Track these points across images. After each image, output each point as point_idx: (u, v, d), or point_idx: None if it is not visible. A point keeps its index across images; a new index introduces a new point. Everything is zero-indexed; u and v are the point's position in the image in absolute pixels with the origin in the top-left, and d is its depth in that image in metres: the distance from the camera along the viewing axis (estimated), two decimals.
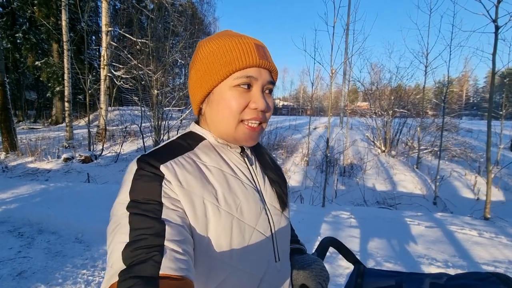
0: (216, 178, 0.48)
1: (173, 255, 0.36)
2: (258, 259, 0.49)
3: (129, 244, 0.36)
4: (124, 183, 0.43)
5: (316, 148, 7.28)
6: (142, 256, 0.35)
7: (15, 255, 2.36)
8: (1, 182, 4.52)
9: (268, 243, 0.51)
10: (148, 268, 0.34)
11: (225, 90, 0.49)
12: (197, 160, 0.49)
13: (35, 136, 8.48)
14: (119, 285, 0.33)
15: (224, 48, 0.49)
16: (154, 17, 10.03)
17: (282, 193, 0.57)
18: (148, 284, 0.32)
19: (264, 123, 0.53)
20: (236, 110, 0.48)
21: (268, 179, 0.57)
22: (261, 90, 0.50)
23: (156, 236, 0.37)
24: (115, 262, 0.35)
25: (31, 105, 19.06)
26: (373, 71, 8.51)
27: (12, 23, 13.61)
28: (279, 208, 0.56)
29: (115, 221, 0.39)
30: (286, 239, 0.57)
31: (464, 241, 2.57)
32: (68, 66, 7.94)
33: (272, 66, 0.51)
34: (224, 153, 0.53)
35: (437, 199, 4.55)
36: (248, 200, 0.49)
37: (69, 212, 3.23)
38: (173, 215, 0.40)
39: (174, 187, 0.43)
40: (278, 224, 0.54)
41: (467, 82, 34.10)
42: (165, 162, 0.45)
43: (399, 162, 6.53)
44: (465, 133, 9.45)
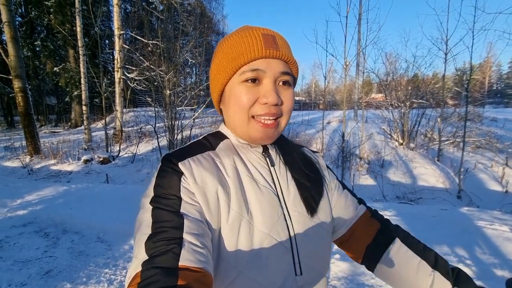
0: (231, 178, 0.47)
1: (191, 247, 0.37)
2: (270, 269, 0.44)
3: (151, 236, 0.38)
4: (151, 179, 0.46)
5: (331, 143, 7.14)
6: (163, 248, 0.36)
7: (42, 254, 2.45)
8: (27, 184, 4.73)
9: (286, 252, 0.46)
10: (168, 260, 0.35)
11: (234, 86, 0.48)
12: (215, 159, 0.49)
13: (57, 140, 8.83)
14: (142, 274, 0.35)
15: (232, 44, 0.48)
16: (164, 18, 10.14)
17: (310, 198, 0.51)
18: (168, 274, 0.34)
19: (281, 118, 0.49)
20: (245, 105, 0.47)
21: (294, 181, 0.52)
22: (272, 82, 0.47)
23: (175, 229, 0.38)
24: (139, 253, 0.37)
25: (52, 109, 19.89)
26: (388, 61, 8.21)
27: (31, 32, 14.21)
28: (306, 213, 0.50)
29: (141, 215, 0.42)
30: (317, 251, 0.50)
31: (495, 237, 2.42)
32: (84, 70, 8.18)
33: (283, 55, 0.47)
34: (243, 153, 0.52)
35: (461, 193, 4.34)
36: (261, 203, 0.47)
37: (91, 212, 3.32)
38: (191, 209, 0.42)
39: (190, 182, 0.44)
40: (302, 232, 0.48)
41: (490, 68, 32.35)
42: (183, 159, 0.46)
43: (419, 155, 6.29)
44: (490, 122, 8.97)
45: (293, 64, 0.50)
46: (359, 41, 8.12)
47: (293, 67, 0.50)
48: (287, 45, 0.50)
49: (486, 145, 6.28)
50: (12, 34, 6.49)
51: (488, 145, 6.28)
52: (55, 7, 12.33)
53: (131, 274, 0.36)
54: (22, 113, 6.79)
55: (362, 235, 0.56)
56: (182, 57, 7.92)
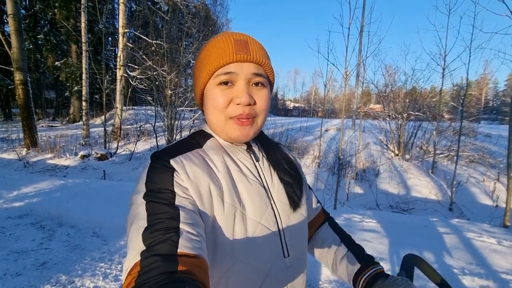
0: (221, 173, 0.50)
1: (189, 236, 0.39)
2: (263, 253, 0.49)
3: (147, 228, 0.39)
4: (141, 176, 0.47)
5: (328, 150, 7.23)
6: (161, 237, 0.37)
7: (38, 246, 2.47)
8: (24, 177, 4.72)
9: (275, 238, 0.51)
10: (167, 247, 0.37)
11: (210, 89, 0.51)
12: (204, 156, 0.52)
13: (54, 134, 8.80)
14: (141, 263, 0.35)
15: (208, 50, 0.52)
16: (168, 18, 10.24)
17: (294, 194, 0.56)
18: (168, 261, 0.35)
19: (257, 118, 0.53)
20: (220, 107, 0.50)
21: (277, 177, 0.57)
22: (245, 84, 0.50)
23: (172, 219, 0.40)
24: (136, 244, 0.38)
25: (50, 103, 19.79)
26: (387, 73, 8.37)
27: (34, 25, 14.20)
28: (288, 204, 0.55)
29: (134, 210, 0.43)
30: (299, 236, 0.57)
31: (482, 249, 2.49)
32: (86, 66, 8.20)
33: (254, 57, 0.50)
34: (230, 150, 0.55)
35: (453, 205, 4.43)
36: (251, 194, 0.51)
37: (87, 207, 3.34)
38: (186, 202, 0.44)
39: (183, 178, 0.46)
40: (287, 219, 0.54)
41: (486, 85, 32.89)
42: (174, 157, 0.48)
43: (414, 166, 6.39)
44: (484, 138, 9.14)
45: (266, 66, 0.52)
46: (360, 52, 8.28)
47: (266, 69, 0.53)
48: (261, 48, 0.53)
49: (479, 160, 6.40)
50: (16, 26, 6.52)
51: (481, 160, 6.41)
52: (60, 2, 12.37)
53: (129, 265, 0.36)
54: (21, 105, 6.78)
55: (313, 225, 0.70)
56: (185, 58, 7.99)
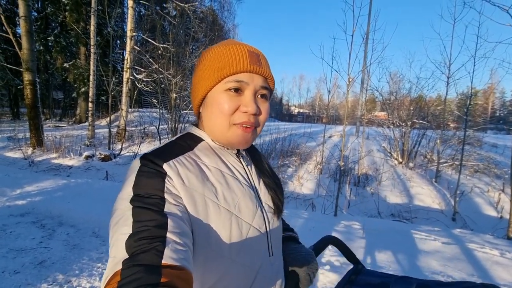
0: (215, 177, 0.51)
1: (175, 246, 0.37)
2: (254, 253, 0.52)
3: (132, 235, 0.37)
4: (127, 179, 0.45)
5: (331, 157, 7.19)
6: (145, 246, 0.36)
7: (37, 245, 2.49)
8: (28, 175, 4.78)
9: (263, 238, 0.54)
10: (151, 257, 0.35)
11: (217, 93, 0.52)
12: (197, 160, 0.52)
13: (60, 134, 8.93)
14: (122, 272, 0.33)
15: (218, 55, 0.52)
16: (176, 23, 10.39)
17: (278, 199, 0.59)
18: (151, 272, 0.33)
19: (258, 128, 0.55)
20: (227, 112, 0.50)
21: (263, 182, 0.60)
22: (253, 94, 0.52)
23: (158, 228, 0.38)
24: (119, 252, 0.36)
25: (58, 104, 20.12)
26: (392, 80, 8.35)
27: (45, 27, 14.54)
28: (273, 208, 0.58)
29: (118, 215, 0.41)
30: (279, 236, 0.61)
31: (484, 260, 2.44)
32: (93, 68, 8.34)
33: (265, 72, 0.53)
34: (221, 154, 0.56)
35: (456, 215, 4.36)
36: (245, 198, 0.52)
37: (88, 207, 3.37)
38: (175, 210, 0.42)
39: (176, 184, 0.45)
40: (272, 221, 0.57)
41: (493, 94, 32.58)
42: (167, 160, 0.47)
43: (417, 174, 6.32)
44: (490, 148, 9.01)
45: (271, 81, 0.56)
46: (364, 59, 8.29)
47: (271, 84, 0.56)
48: (268, 63, 0.56)
49: (484, 170, 6.30)
50: (28, 28, 6.68)
51: (486, 170, 6.31)
52: (71, 5, 12.67)
53: (108, 274, 0.34)
54: (29, 105, 6.91)
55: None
56: (191, 62, 8.08)
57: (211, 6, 19.10)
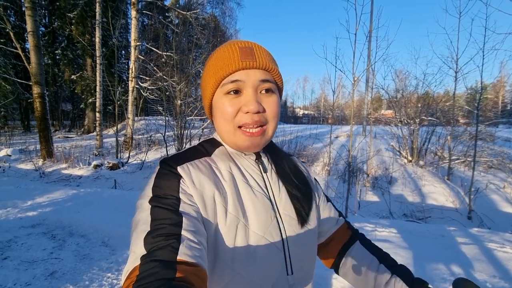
0: (227, 182, 0.49)
1: (189, 243, 0.39)
2: (265, 269, 0.47)
3: (150, 232, 0.39)
4: (148, 181, 0.47)
5: (338, 158, 7.10)
6: (162, 243, 0.38)
7: (48, 256, 2.50)
8: (39, 187, 4.85)
9: (278, 253, 0.49)
10: (167, 253, 0.37)
11: (218, 99, 0.50)
12: (212, 164, 0.51)
13: (69, 145, 9.09)
14: (141, 267, 0.35)
15: (214, 59, 0.51)
16: (179, 31, 10.53)
17: (302, 208, 0.54)
18: (166, 267, 0.35)
19: (267, 125, 0.51)
20: (228, 116, 0.49)
21: (285, 189, 0.55)
22: (253, 91, 0.49)
23: (174, 226, 0.40)
24: (137, 248, 0.38)
25: (67, 115, 20.55)
26: (398, 78, 8.23)
27: (52, 41, 14.95)
28: (296, 219, 0.53)
29: (139, 214, 0.43)
30: (306, 253, 0.54)
31: (506, 260, 2.34)
32: (100, 79, 8.49)
33: (261, 64, 0.49)
34: (238, 160, 0.54)
35: (472, 213, 4.21)
36: (255, 206, 0.49)
37: (97, 216, 3.38)
38: (190, 209, 0.43)
39: (189, 185, 0.46)
40: (293, 235, 0.51)
41: (503, 87, 31.81)
42: (182, 164, 0.48)
43: (428, 172, 6.17)
44: (503, 142, 8.75)
45: (274, 72, 0.51)
46: (369, 57, 8.21)
47: (275, 75, 0.52)
48: (267, 54, 0.52)
49: (499, 166, 6.11)
50: (35, 42, 6.85)
51: (500, 165, 6.12)
52: (77, 19, 13.00)
53: (128, 268, 0.37)
54: (38, 117, 7.06)
55: (337, 242, 0.63)
56: (195, 69, 8.14)
57: (212, 13, 19.33)
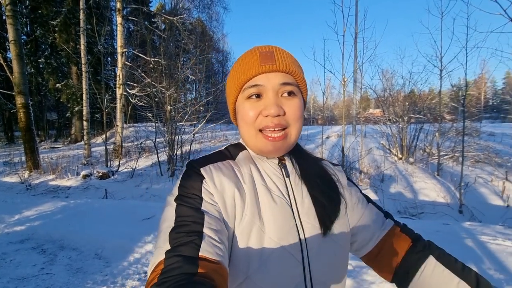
0: (247, 185, 0.50)
1: (211, 241, 0.40)
2: (279, 279, 0.44)
3: (174, 228, 0.42)
4: (177, 181, 0.50)
5: (331, 158, 7.16)
6: (184, 239, 0.39)
7: (39, 271, 2.39)
8: (26, 200, 4.67)
9: (296, 264, 0.46)
10: (190, 249, 0.38)
11: (241, 103, 0.52)
12: (234, 167, 0.52)
13: (56, 155, 8.82)
14: (165, 261, 0.37)
15: (236, 65, 0.53)
16: (166, 36, 10.45)
17: (326, 216, 0.50)
18: (189, 262, 0.37)
19: (289, 128, 0.50)
20: (249, 120, 0.50)
21: (310, 195, 0.52)
22: (274, 95, 0.49)
23: (196, 223, 0.42)
24: (163, 243, 0.40)
25: (52, 125, 19.97)
26: (384, 77, 8.41)
27: (35, 50, 14.55)
28: (319, 227, 0.50)
29: (166, 210, 0.46)
30: (330, 267, 0.49)
31: (499, 252, 2.39)
32: (86, 87, 8.31)
33: (281, 67, 0.49)
34: (260, 163, 0.55)
35: (463, 207, 4.32)
36: (273, 212, 0.48)
37: (89, 228, 3.28)
38: (211, 208, 0.45)
39: (210, 186, 0.47)
40: (315, 247, 0.48)
41: (485, 84, 33.04)
42: (205, 165, 0.51)
43: (419, 169, 6.30)
44: (488, 137, 9.05)
45: (296, 74, 0.51)
46: (355, 58, 8.37)
47: (297, 77, 0.51)
48: (288, 56, 0.52)
49: (485, 160, 6.31)
50: (18, 51, 6.65)
51: (487, 159, 6.31)
52: (60, 26, 12.72)
53: (154, 261, 0.39)
54: (23, 128, 6.83)
55: (391, 251, 0.53)
56: (183, 74, 8.08)
57: (199, 18, 19.30)
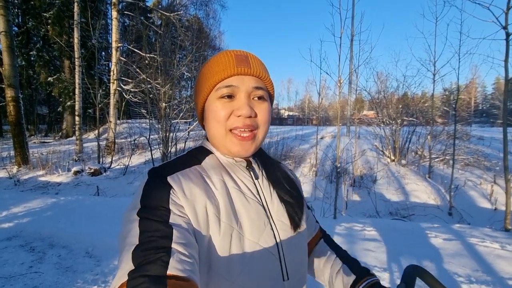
0: (219, 191, 0.49)
1: (180, 257, 0.37)
2: (261, 276, 0.47)
3: (138, 246, 0.37)
4: (137, 192, 0.46)
5: (325, 158, 7.21)
6: (151, 257, 0.36)
7: (27, 270, 2.35)
8: (14, 196, 4.57)
9: (274, 259, 0.49)
10: (157, 268, 0.35)
11: (211, 103, 0.52)
12: (202, 173, 0.51)
13: (46, 150, 8.64)
14: (128, 283, 0.34)
15: (209, 66, 0.53)
16: (162, 32, 10.31)
17: (294, 214, 0.54)
18: (156, 282, 0.33)
19: (258, 130, 0.52)
20: (221, 119, 0.50)
21: (277, 196, 0.55)
22: (246, 97, 0.50)
23: (164, 238, 0.38)
24: (125, 263, 0.36)
25: (43, 119, 19.56)
26: (379, 80, 8.50)
27: (26, 42, 14.18)
28: (289, 224, 0.53)
29: (126, 226, 0.41)
30: (300, 258, 0.55)
31: (486, 254, 2.45)
32: (79, 81, 8.16)
33: (255, 71, 0.51)
34: (229, 167, 0.54)
35: (452, 210, 4.40)
36: (249, 214, 0.49)
37: (80, 225, 3.23)
38: (180, 220, 0.42)
39: (179, 196, 0.45)
40: (287, 241, 0.52)
41: (475, 89, 33.71)
42: (171, 174, 0.48)
43: (410, 171, 6.40)
44: (477, 141, 9.24)
45: (266, 80, 0.53)
46: (351, 60, 8.43)
47: (267, 83, 0.54)
48: (260, 63, 0.54)
49: (475, 163, 6.44)
50: (8, 43, 6.48)
51: (476, 163, 6.45)
52: (53, 19, 12.43)
53: (115, 285, 0.34)
54: (12, 122, 6.67)
55: (311, 244, 0.67)
56: (179, 71, 8.01)
57: (196, 14, 19.13)
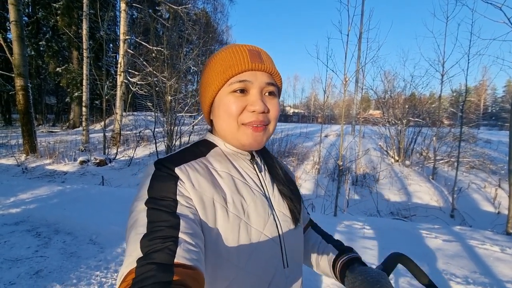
0: (225, 183, 0.50)
1: (187, 246, 0.38)
2: (265, 263, 0.49)
3: (146, 235, 0.38)
4: (143, 183, 0.47)
5: (328, 156, 7.20)
6: (158, 246, 0.37)
7: (33, 254, 2.42)
8: (21, 183, 4.68)
9: (276, 248, 0.51)
10: (164, 256, 0.36)
11: (223, 96, 0.52)
12: (208, 165, 0.52)
13: (54, 139, 8.80)
14: (137, 270, 0.35)
15: (220, 59, 0.53)
16: (169, 25, 10.33)
17: (293, 207, 0.57)
18: (163, 270, 0.34)
19: (269, 125, 0.54)
20: (234, 113, 0.50)
21: (278, 189, 0.58)
22: (259, 92, 0.51)
23: (171, 228, 0.40)
24: (133, 251, 0.37)
25: (51, 109, 19.86)
26: (386, 79, 8.41)
27: (36, 32, 14.36)
28: (289, 216, 0.56)
29: (134, 216, 0.42)
30: (297, 247, 0.57)
31: (486, 257, 2.45)
32: (86, 72, 8.24)
33: (268, 68, 0.52)
34: (234, 160, 0.56)
35: (454, 212, 4.38)
36: (255, 204, 0.51)
37: (84, 213, 3.30)
38: (187, 211, 0.43)
39: (187, 187, 0.46)
40: (287, 230, 0.54)
41: (485, 91, 33.07)
42: (179, 165, 0.48)
43: (414, 172, 6.36)
44: (484, 144, 9.12)
45: (276, 76, 0.55)
46: (358, 58, 8.35)
47: (277, 79, 0.55)
48: (271, 59, 0.55)
49: (480, 166, 6.37)
50: (19, 33, 6.57)
51: (481, 166, 6.38)
52: (63, 9, 12.52)
53: (124, 271, 0.35)
54: (21, 111, 6.79)
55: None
56: (185, 65, 8.03)
57: (204, 8, 19.06)
